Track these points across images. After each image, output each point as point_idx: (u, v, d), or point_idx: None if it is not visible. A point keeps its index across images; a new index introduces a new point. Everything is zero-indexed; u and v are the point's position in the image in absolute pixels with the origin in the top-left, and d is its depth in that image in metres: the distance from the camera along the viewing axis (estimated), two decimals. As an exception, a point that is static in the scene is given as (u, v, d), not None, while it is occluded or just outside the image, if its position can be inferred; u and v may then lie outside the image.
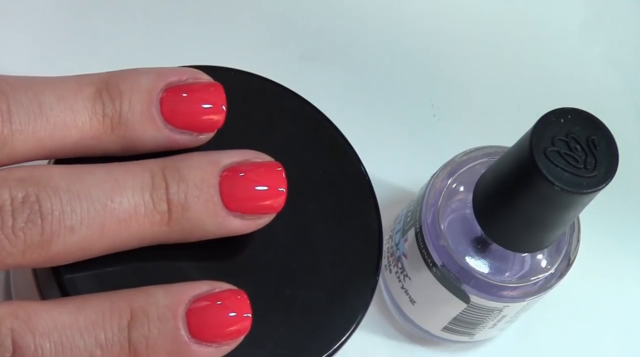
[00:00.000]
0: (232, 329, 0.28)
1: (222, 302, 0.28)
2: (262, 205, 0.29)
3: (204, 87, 0.30)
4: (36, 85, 0.28)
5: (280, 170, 0.29)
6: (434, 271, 0.37)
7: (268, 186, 0.29)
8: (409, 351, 0.41)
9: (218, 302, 0.28)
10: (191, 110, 0.29)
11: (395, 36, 0.47)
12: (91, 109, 0.29)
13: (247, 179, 0.29)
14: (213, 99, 0.30)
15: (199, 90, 0.30)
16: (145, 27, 0.44)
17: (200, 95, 0.29)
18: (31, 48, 0.43)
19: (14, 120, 0.28)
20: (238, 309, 0.28)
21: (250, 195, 0.29)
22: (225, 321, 0.28)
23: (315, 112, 0.33)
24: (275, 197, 0.29)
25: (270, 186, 0.29)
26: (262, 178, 0.29)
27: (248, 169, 0.29)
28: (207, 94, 0.30)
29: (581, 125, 0.32)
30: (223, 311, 0.28)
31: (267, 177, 0.29)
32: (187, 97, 0.29)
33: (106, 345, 0.27)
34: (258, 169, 0.29)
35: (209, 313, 0.28)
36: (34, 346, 0.26)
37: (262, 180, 0.29)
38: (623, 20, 0.50)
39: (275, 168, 0.29)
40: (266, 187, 0.29)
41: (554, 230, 0.34)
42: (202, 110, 0.29)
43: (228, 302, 0.28)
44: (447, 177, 0.37)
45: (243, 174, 0.29)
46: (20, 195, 0.27)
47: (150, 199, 0.28)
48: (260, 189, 0.29)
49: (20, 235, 0.27)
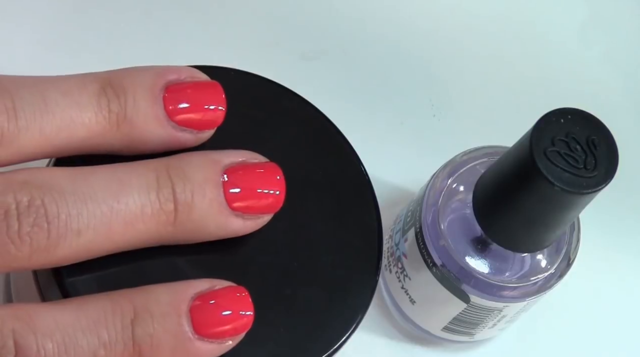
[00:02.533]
0: (235, 325, 0.28)
1: (224, 299, 0.28)
2: (263, 205, 0.29)
3: (202, 85, 0.30)
4: (40, 83, 0.28)
5: (278, 172, 0.30)
6: (434, 271, 0.37)
7: (268, 189, 0.29)
8: (409, 351, 0.41)
9: (220, 299, 0.28)
10: (191, 107, 0.29)
11: (395, 36, 0.47)
12: (96, 104, 0.29)
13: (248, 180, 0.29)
14: (212, 96, 0.30)
15: (199, 88, 0.30)
16: (145, 27, 0.44)
17: (199, 93, 0.30)
18: (31, 48, 0.43)
19: (19, 117, 0.27)
20: (240, 306, 0.28)
21: (253, 195, 0.29)
22: (228, 317, 0.28)
23: (316, 113, 0.33)
24: (275, 197, 0.29)
25: (270, 188, 0.29)
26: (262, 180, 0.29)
27: (247, 171, 0.29)
28: (206, 92, 0.30)
29: (581, 125, 0.32)
30: (225, 307, 0.28)
31: (267, 180, 0.29)
32: (187, 95, 0.29)
33: (109, 344, 0.27)
34: (256, 171, 0.29)
35: (212, 310, 0.28)
36: (37, 346, 0.26)
37: (262, 182, 0.29)
38: (623, 20, 0.50)
39: (274, 170, 0.30)
40: (267, 189, 0.29)
41: (554, 230, 0.34)
42: (202, 108, 0.30)
43: (230, 299, 0.28)
44: (447, 177, 0.37)
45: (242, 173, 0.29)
46: (26, 199, 0.27)
47: (156, 199, 0.28)
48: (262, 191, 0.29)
49: (27, 239, 0.27)
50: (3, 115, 0.27)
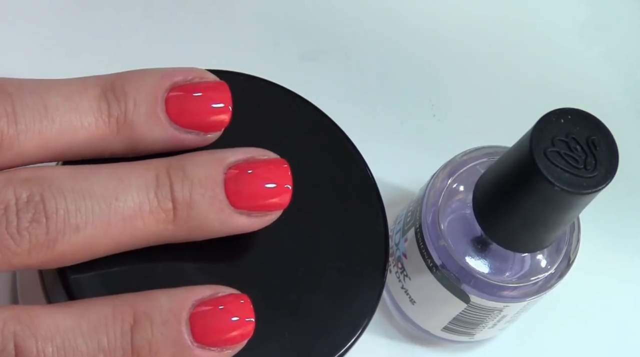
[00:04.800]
0: (235, 333, 0.28)
1: (225, 307, 0.28)
2: (270, 203, 0.29)
3: (209, 86, 0.30)
4: (41, 87, 0.28)
5: (286, 167, 0.29)
6: (434, 271, 0.37)
7: (276, 183, 0.29)
8: (409, 351, 0.41)
9: (221, 306, 0.28)
10: (197, 109, 0.29)
11: (395, 36, 0.47)
12: (97, 109, 0.29)
13: (256, 176, 0.29)
14: (219, 97, 0.30)
15: (205, 89, 0.30)
16: (144, 28, 0.44)
17: (206, 94, 0.29)
18: (31, 48, 0.43)
19: (19, 121, 0.28)
20: (241, 314, 0.28)
21: (259, 192, 0.29)
22: (229, 325, 0.28)
23: (323, 118, 0.33)
24: (282, 194, 0.29)
25: (278, 183, 0.29)
26: (270, 175, 0.29)
27: (256, 166, 0.29)
28: (213, 93, 0.30)
29: (581, 125, 0.32)
30: (226, 315, 0.28)
31: (274, 174, 0.29)
32: (192, 96, 0.29)
33: (109, 349, 0.27)
34: (266, 166, 0.29)
35: (212, 317, 0.28)
36: (37, 350, 0.26)
37: (270, 177, 0.29)
38: (623, 20, 0.50)
39: (282, 165, 0.29)
40: (274, 184, 0.29)
41: (554, 230, 0.34)
42: (207, 109, 0.29)
43: (231, 307, 0.28)
44: (447, 177, 0.37)
45: (252, 171, 0.29)
46: (25, 194, 0.27)
47: (154, 197, 0.28)
48: (268, 186, 0.29)
49: (25, 235, 0.27)
50: (3, 119, 0.27)
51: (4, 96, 0.28)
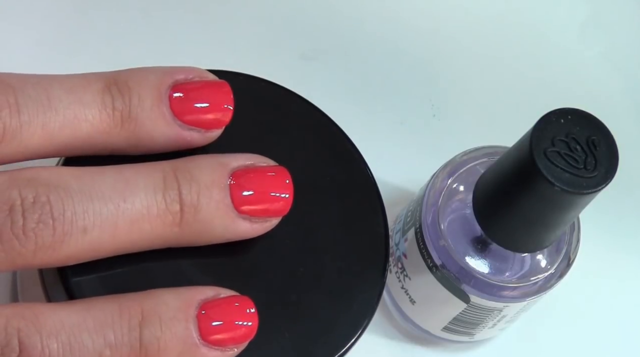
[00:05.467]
0: (238, 333, 0.28)
1: (228, 307, 0.28)
2: (272, 208, 0.29)
3: (211, 85, 0.30)
4: (44, 80, 0.28)
5: (287, 175, 0.30)
6: (433, 271, 0.37)
7: (277, 190, 0.29)
8: (409, 351, 0.41)
9: (224, 306, 0.28)
10: (199, 106, 0.29)
11: (395, 36, 0.47)
12: (101, 102, 0.28)
13: (259, 183, 0.29)
14: (220, 96, 0.30)
15: (206, 87, 0.30)
16: (144, 27, 0.44)
17: (207, 92, 0.29)
18: (31, 48, 0.43)
19: (22, 112, 0.27)
20: (244, 315, 0.28)
21: (262, 198, 0.29)
22: (232, 325, 0.28)
23: (323, 118, 0.33)
24: (284, 201, 0.29)
25: (279, 190, 0.29)
26: (272, 182, 0.29)
27: (259, 173, 0.29)
28: (215, 91, 0.30)
29: (581, 125, 0.32)
30: (230, 315, 0.28)
31: (276, 181, 0.29)
32: (195, 94, 0.29)
33: (115, 345, 0.27)
34: (268, 173, 0.29)
35: (217, 317, 0.28)
36: (41, 346, 0.26)
37: (272, 184, 0.29)
38: (623, 20, 0.50)
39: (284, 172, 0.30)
40: (276, 191, 0.29)
41: (554, 230, 0.34)
42: (209, 107, 0.29)
43: (234, 308, 0.28)
44: (447, 177, 0.37)
45: (255, 176, 0.29)
46: (31, 195, 0.27)
47: (162, 200, 0.28)
48: (272, 193, 0.29)
49: (32, 236, 0.26)
50: (5, 110, 0.27)
51: (6, 88, 0.27)
